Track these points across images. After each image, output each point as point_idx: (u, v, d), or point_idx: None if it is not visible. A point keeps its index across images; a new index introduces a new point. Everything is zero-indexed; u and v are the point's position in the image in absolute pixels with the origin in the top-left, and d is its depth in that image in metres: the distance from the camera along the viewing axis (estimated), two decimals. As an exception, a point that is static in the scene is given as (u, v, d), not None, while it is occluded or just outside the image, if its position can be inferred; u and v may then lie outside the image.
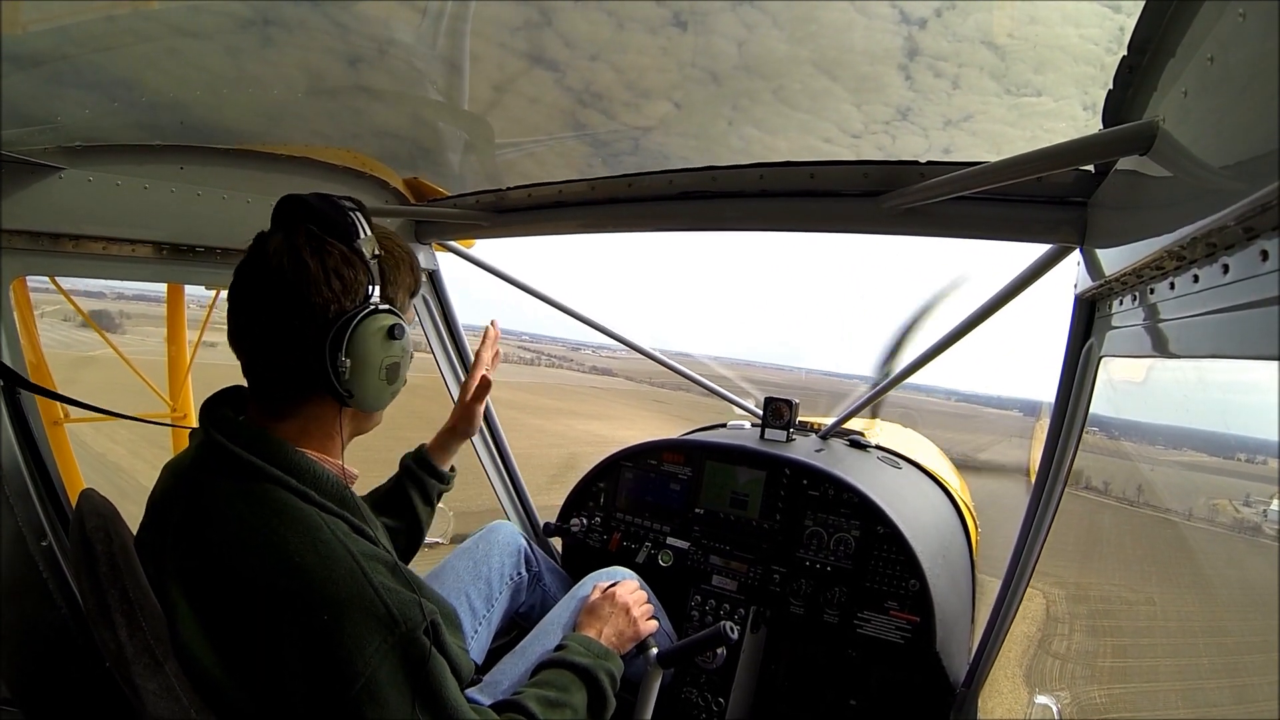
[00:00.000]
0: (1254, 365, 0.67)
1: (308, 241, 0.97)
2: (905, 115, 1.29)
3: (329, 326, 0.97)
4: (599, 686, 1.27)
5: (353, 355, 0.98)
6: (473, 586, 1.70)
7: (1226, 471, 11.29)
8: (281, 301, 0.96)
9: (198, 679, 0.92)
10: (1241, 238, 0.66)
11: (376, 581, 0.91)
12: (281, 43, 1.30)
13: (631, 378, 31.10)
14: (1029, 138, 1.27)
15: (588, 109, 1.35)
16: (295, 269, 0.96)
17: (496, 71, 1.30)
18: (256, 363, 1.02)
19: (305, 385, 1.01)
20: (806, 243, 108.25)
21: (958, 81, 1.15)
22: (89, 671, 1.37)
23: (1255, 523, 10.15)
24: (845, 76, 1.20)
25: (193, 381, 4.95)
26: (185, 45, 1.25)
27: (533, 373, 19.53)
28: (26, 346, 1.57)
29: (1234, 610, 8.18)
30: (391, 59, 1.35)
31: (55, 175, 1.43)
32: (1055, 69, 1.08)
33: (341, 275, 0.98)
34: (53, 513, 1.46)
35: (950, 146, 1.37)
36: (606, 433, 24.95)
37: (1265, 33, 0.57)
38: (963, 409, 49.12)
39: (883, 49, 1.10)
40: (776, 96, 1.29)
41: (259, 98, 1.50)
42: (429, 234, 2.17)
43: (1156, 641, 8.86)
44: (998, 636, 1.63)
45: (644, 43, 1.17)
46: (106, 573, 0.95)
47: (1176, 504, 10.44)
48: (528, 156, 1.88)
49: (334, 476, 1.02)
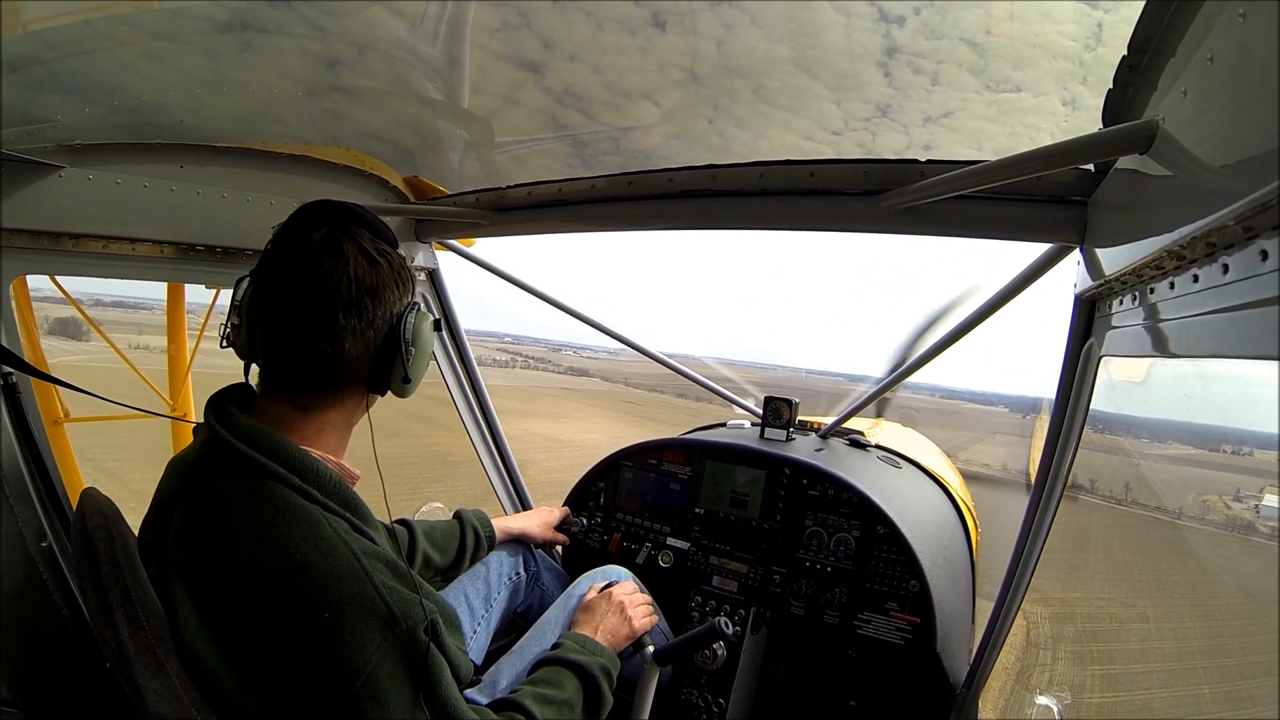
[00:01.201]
0: (1254, 365, 0.67)
1: (374, 245, 1.06)
2: (885, 112, 1.30)
3: (400, 321, 1.07)
4: (595, 684, 1.27)
5: (416, 344, 1.10)
6: (471, 586, 1.71)
7: (1215, 465, 10.94)
8: (358, 298, 1.02)
9: (199, 678, 0.92)
10: (1241, 237, 0.66)
11: (378, 580, 0.91)
12: (281, 42, 1.30)
13: (607, 378, 30.87)
14: (1009, 133, 1.28)
15: (567, 109, 1.37)
16: (372, 268, 1.04)
17: (475, 73, 1.32)
18: (299, 356, 1.03)
19: (354, 375, 1.06)
20: (809, 241, 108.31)
21: (937, 78, 1.17)
22: (90, 671, 1.37)
23: (1248, 520, 9.79)
24: (825, 74, 1.22)
25: (192, 381, 4.96)
26: (185, 45, 1.26)
27: (504, 374, 19.34)
28: (26, 346, 1.57)
29: (1224, 613, 7.77)
30: (392, 58, 1.35)
31: (55, 174, 1.43)
32: (1034, 65, 1.09)
33: (400, 277, 1.09)
34: (53, 513, 1.46)
35: (930, 143, 1.38)
36: (563, 435, 24.59)
37: (1265, 33, 0.57)
38: (945, 405, 48.70)
39: (862, 47, 1.12)
40: (756, 95, 1.30)
41: (259, 97, 1.50)
42: (429, 232, 2.17)
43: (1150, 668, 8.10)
44: (998, 637, 1.63)
45: (623, 43, 1.19)
46: (108, 572, 0.95)
47: (1166, 500, 9.99)
48: (529, 155, 1.88)
49: (336, 476, 1.02)
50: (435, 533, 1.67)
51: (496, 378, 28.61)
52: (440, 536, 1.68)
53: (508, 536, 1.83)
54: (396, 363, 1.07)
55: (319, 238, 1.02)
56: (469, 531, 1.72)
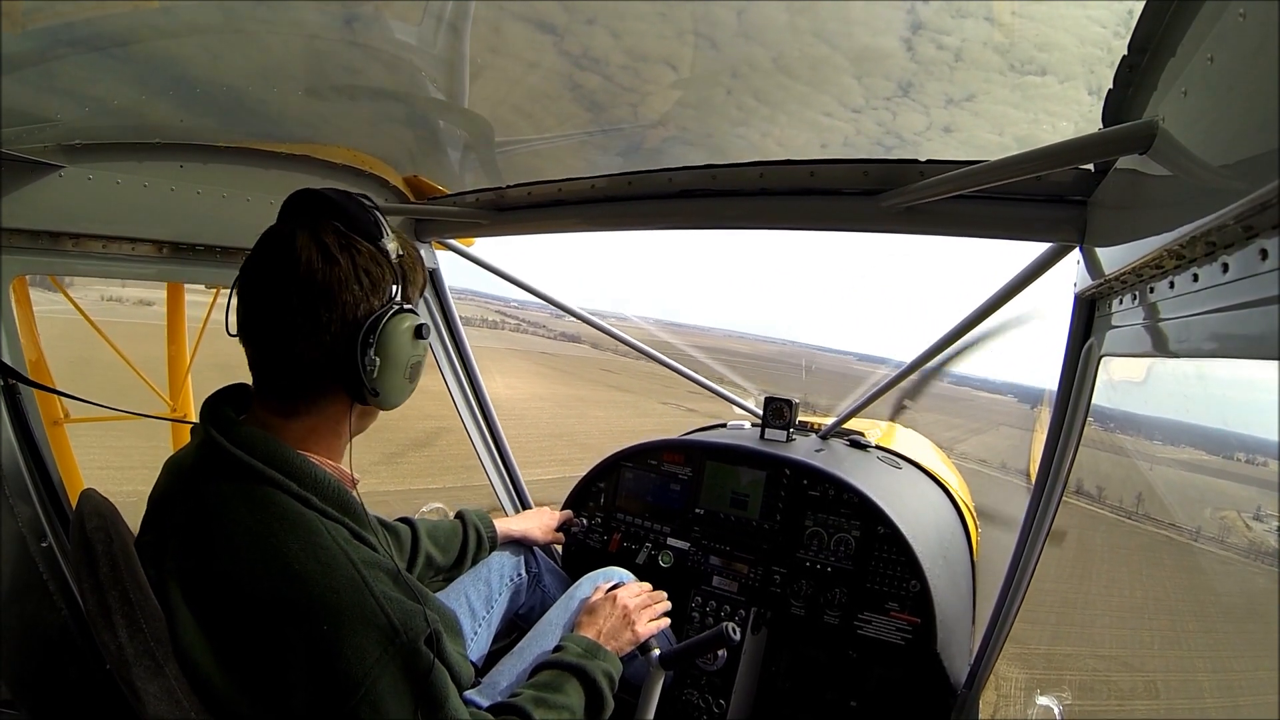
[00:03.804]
0: (1254, 364, 0.66)
1: (337, 239, 0.97)
2: (907, 91, 1.26)
3: (359, 325, 0.97)
4: (596, 687, 1.27)
5: (381, 354, 0.99)
6: (473, 587, 1.71)
7: (1232, 475, 8.49)
8: (310, 298, 0.95)
9: (198, 683, 0.92)
10: (1241, 236, 0.66)
11: (378, 591, 0.90)
12: (281, 41, 1.30)
13: (598, 345, 29.83)
14: (1030, 119, 1.25)
15: (585, 72, 1.33)
16: (326, 265, 0.95)
17: (493, 34, 1.27)
18: (272, 358, 1.00)
19: (323, 382, 1.00)
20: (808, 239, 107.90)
21: (960, 55, 1.13)
22: (90, 673, 1.37)
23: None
24: (846, 46, 1.17)
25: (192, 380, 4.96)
26: (184, 44, 1.25)
27: (492, 336, 18.16)
28: (27, 346, 1.57)
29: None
30: (392, 57, 1.35)
31: (55, 174, 1.43)
32: (1060, 48, 1.06)
33: (370, 273, 0.98)
34: (53, 513, 1.46)
35: (951, 125, 1.34)
36: (507, 403, 23.73)
37: (1265, 33, 0.57)
38: (954, 391, 47.73)
39: (884, 20, 1.09)
40: (776, 65, 1.25)
41: (258, 96, 1.50)
42: (429, 232, 2.17)
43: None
44: (999, 638, 1.63)
45: (641, 8, 1.15)
46: (107, 574, 0.94)
47: (1178, 515, 8.10)
48: (529, 154, 1.88)
49: (335, 480, 1.00)
50: (438, 532, 1.67)
51: (486, 338, 26.82)
52: (443, 536, 1.67)
53: (509, 539, 1.83)
54: (361, 371, 0.98)
55: (285, 231, 0.98)
56: (471, 532, 1.72)
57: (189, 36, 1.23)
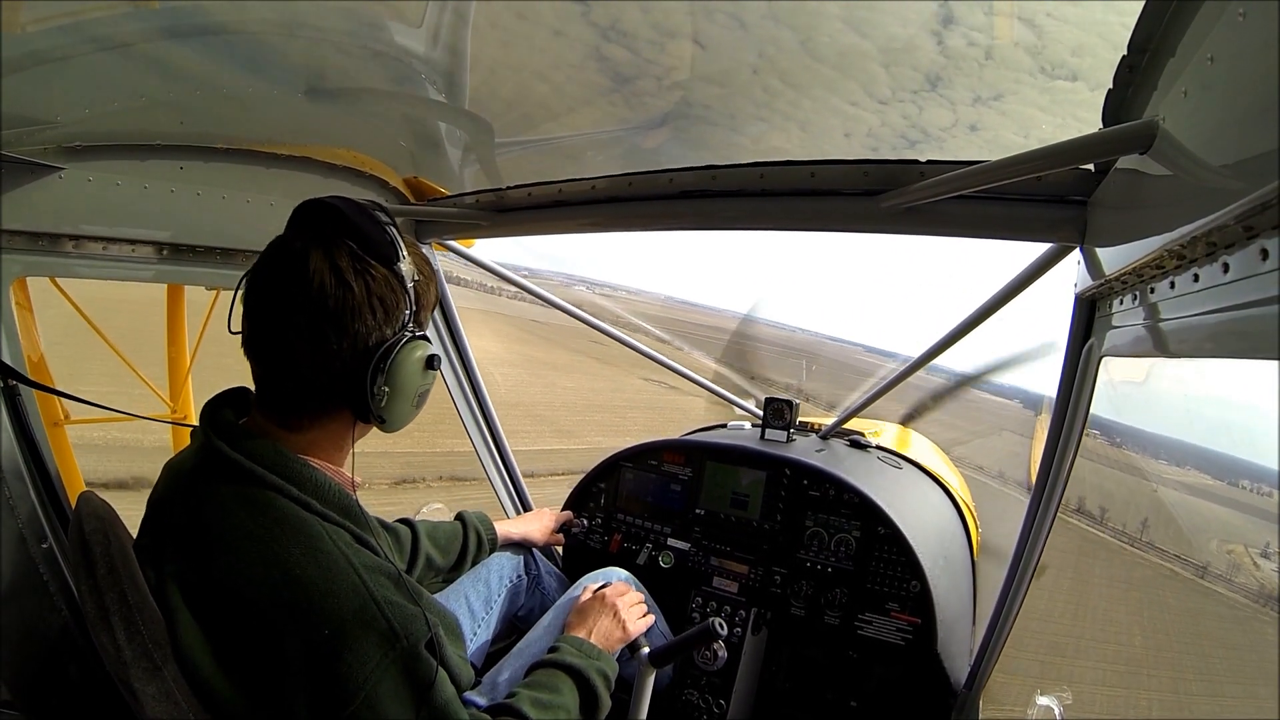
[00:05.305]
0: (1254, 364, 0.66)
1: (352, 263, 0.94)
2: (934, 85, 1.23)
3: (370, 354, 0.96)
4: (591, 686, 1.27)
5: (391, 384, 0.98)
6: (472, 589, 1.71)
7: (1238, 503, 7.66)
8: (321, 323, 0.93)
9: (196, 685, 0.92)
10: (1241, 236, 0.66)
11: (379, 595, 0.90)
12: (281, 41, 1.30)
13: (597, 315, 28.67)
14: (1058, 124, 1.23)
15: (611, 44, 1.31)
16: (340, 290, 0.92)
17: (494, 28, 1.25)
18: (277, 375, 0.99)
19: (329, 403, 1.00)
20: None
21: (991, 52, 1.11)
22: (90, 674, 1.37)
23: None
24: (875, 35, 1.15)
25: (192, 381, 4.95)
26: (184, 45, 1.25)
27: (482, 300, 17.65)
28: (27, 346, 1.57)
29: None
30: (391, 58, 1.35)
31: (55, 175, 1.43)
32: (1093, 54, 1.04)
33: (385, 302, 0.96)
34: (53, 514, 1.45)
35: (977, 123, 1.32)
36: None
37: (1265, 33, 0.57)
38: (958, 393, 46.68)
39: (914, 11, 1.07)
40: (804, 49, 1.23)
41: (259, 97, 1.50)
42: (429, 233, 2.17)
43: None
44: (999, 638, 1.63)
45: None
46: (105, 576, 0.94)
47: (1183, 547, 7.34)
48: (529, 155, 1.88)
49: (336, 485, 1.00)
50: (438, 533, 1.67)
51: (473, 300, 25.65)
52: (443, 538, 1.68)
53: (509, 541, 1.83)
54: (370, 399, 0.97)
55: (298, 247, 0.95)
56: (471, 534, 1.72)
57: (189, 37, 1.23)
